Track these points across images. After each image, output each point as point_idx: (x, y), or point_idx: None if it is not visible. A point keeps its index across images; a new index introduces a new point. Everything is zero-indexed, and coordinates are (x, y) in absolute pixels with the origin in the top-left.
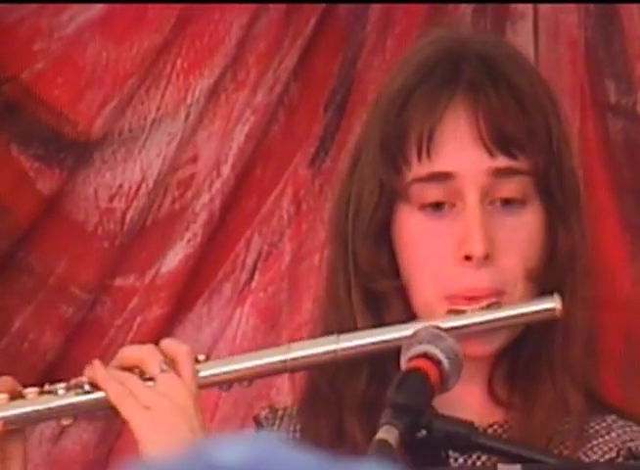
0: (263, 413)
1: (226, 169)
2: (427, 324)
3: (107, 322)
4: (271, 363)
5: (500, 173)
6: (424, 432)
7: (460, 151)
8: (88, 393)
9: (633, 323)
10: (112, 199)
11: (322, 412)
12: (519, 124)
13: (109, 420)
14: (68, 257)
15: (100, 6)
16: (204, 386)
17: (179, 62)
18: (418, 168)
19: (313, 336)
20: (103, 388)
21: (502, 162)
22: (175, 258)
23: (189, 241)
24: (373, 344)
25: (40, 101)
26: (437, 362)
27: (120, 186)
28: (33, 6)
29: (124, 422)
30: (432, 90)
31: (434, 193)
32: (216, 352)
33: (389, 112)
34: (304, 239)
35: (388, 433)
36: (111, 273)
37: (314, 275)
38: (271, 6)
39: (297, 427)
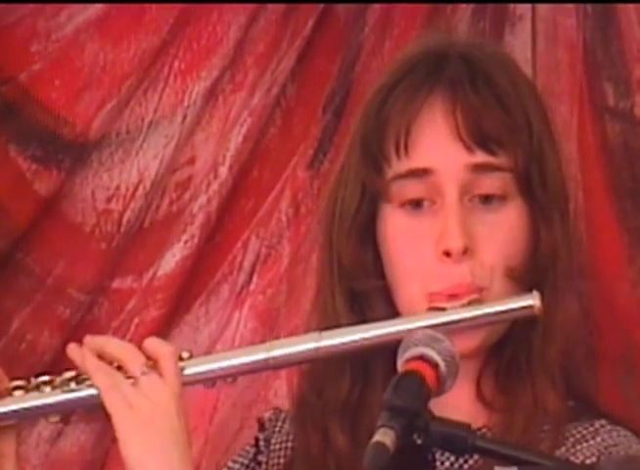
0: (267, 415)
1: (223, 171)
2: (409, 323)
3: (104, 324)
4: (254, 361)
5: (479, 169)
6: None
7: (437, 146)
8: (74, 391)
9: (632, 325)
10: (109, 200)
11: (310, 421)
12: (497, 121)
13: (105, 422)
14: (66, 258)
15: (97, 7)
16: (188, 383)
17: (177, 63)
18: (397, 166)
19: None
20: (91, 376)
21: (481, 157)
22: (172, 259)
23: (186, 242)
24: (355, 341)
25: (38, 102)
26: (434, 365)
27: (118, 188)
28: (31, 7)
29: (108, 416)
30: (410, 87)
31: (413, 190)
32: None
33: (370, 111)
34: (303, 241)
35: (384, 435)
36: (108, 275)
37: (312, 277)
38: (269, 7)
39: None
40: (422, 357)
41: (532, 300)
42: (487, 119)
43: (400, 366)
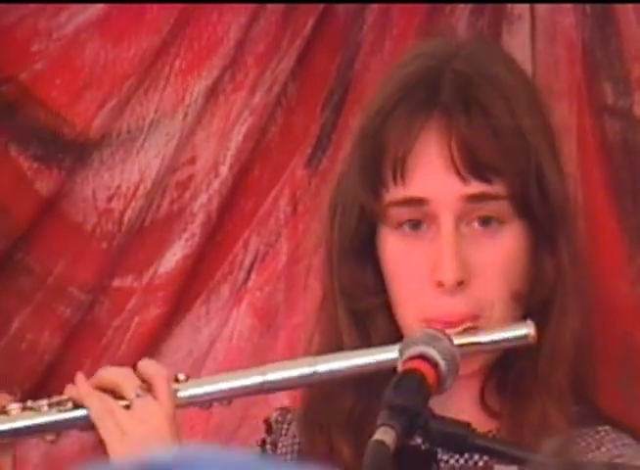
0: (274, 416)
1: (224, 170)
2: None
3: (105, 323)
4: (249, 385)
5: (474, 199)
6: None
7: (432, 176)
8: (71, 410)
9: (632, 325)
10: (110, 200)
11: (317, 429)
12: (491, 149)
13: None
14: (67, 257)
15: (98, 7)
16: (182, 406)
17: (177, 63)
18: (394, 192)
19: (307, 350)
20: (85, 403)
21: (476, 187)
22: (173, 258)
23: (187, 241)
24: (350, 367)
25: (39, 102)
26: (434, 364)
27: (119, 187)
28: (32, 7)
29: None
30: (408, 113)
31: (410, 215)
32: (214, 353)
33: (368, 133)
34: (301, 239)
35: (385, 434)
36: (109, 274)
37: (311, 276)
38: (269, 7)
39: None
40: (422, 356)
41: (527, 329)
42: (482, 149)
43: (400, 365)
